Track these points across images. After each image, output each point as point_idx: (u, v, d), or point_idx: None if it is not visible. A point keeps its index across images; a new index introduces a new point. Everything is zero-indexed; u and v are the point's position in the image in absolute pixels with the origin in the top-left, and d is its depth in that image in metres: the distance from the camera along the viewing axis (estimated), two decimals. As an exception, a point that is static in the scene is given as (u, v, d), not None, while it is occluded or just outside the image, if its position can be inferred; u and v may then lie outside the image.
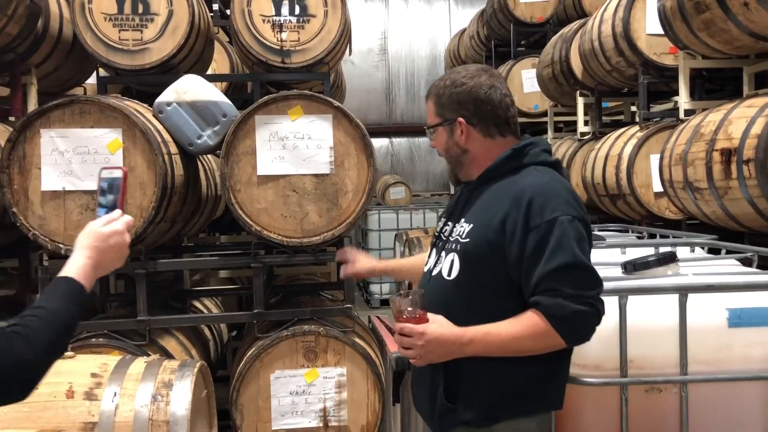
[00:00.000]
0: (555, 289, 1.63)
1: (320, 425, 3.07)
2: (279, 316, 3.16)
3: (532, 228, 1.67)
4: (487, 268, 1.73)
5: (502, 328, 1.68)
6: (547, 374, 1.77)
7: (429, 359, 1.70)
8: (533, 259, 1.66)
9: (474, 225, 1.78)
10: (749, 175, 3.46)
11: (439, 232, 1.97)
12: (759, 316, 2.11)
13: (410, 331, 1.66)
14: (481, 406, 1.75)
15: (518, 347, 1.68)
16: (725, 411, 2.09)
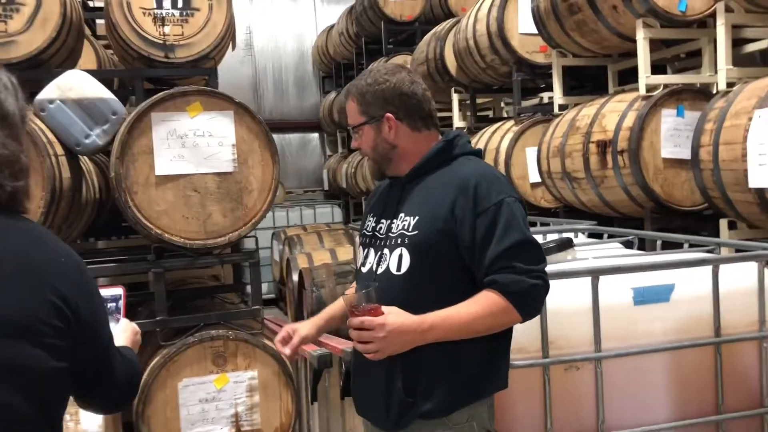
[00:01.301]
0: (509, 266, 1.70)
1: (233, 431, 2.98)
2: (184, 322, 3.02)
3: (481, 211, 1.73)
4: (438, 257, 1.76)
5: (461, 310, 1.72)
6: (497, 357, 1.84)
7: (390, 351, 1.70)
8: (485, 240, 1.72)
9: (420, 217, 1.80)
10: (624, 164, 3.76)
11: (372, 231, 1.96)
12: (658, 293, 2.31)
13: (370, 324, 1.66)
14: (440, 397, 1.77)
15: (478, 327, 1.73)
16: (636, 382, 2.26)
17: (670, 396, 2.29)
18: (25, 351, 1.13)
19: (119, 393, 1.37)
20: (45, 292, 1.16)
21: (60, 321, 1.17)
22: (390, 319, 1.69)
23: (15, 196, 1.20)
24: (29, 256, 1.18)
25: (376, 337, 1.67)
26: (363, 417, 2.06)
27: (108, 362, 1.32)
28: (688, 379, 2.31)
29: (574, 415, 2.23)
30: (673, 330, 2.29)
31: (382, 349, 1.69)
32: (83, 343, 1.23)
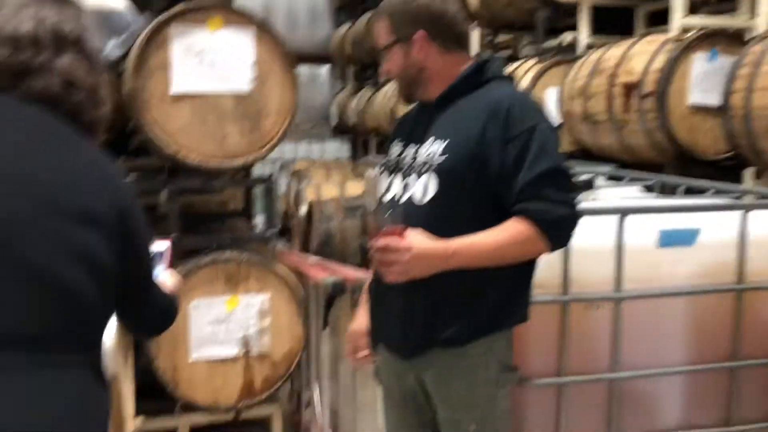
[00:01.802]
0: (540, 194, 1.65)
1: (242, 353, 2.98)
2: (197, 243, 2.99)
3: (513, 137, 1.67)
4: (466, 184, 1.71)
5: (487, 237, 1.67)
6: (520, 288, 1.81)
7: (412, 275, 1.66)
8: (516, 167, 1.66)
9: (448, 142, 1.74)
10: (648, 108, 3.66)
11: (397, 158, 1.90)
12: (684, 236, 2.27)
13: (395, 246, 1.62)
14: (460, 326, 1.75)
15: (504, 255, 1.69)
16: (654, 324, 2.25)
17: (687, 340, 2.27)
18: (98, 243, 1.20)
19: (157, 320, 1.49)
20: (111, 198, 1.24)
21: (117, 231, 1.24)
22: (415, 242, 1.64)
23: (93, 125, 1.30)
24: (100, 164, 1.27)
25: (400, 260, 1.64)
26: (379, 343, 2.05)
27: (149, 288, 1.41)
28: (706, 325, 2.29)
29: (590, 354, 2.22)
30: (695, 274, 2.26)
31: (404, 272, 1.66)
32: (132, 260, 1.30)
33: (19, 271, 1.12)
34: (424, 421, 2.01)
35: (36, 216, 1.15)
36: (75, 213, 1.19)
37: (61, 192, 1.19)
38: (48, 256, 1.14)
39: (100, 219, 1.21)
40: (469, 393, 1.81)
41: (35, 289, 1.13)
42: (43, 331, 1.12)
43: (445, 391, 1.84)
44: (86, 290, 1.18)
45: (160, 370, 2.91)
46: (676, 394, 2.30)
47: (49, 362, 1.12)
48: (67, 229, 1.17)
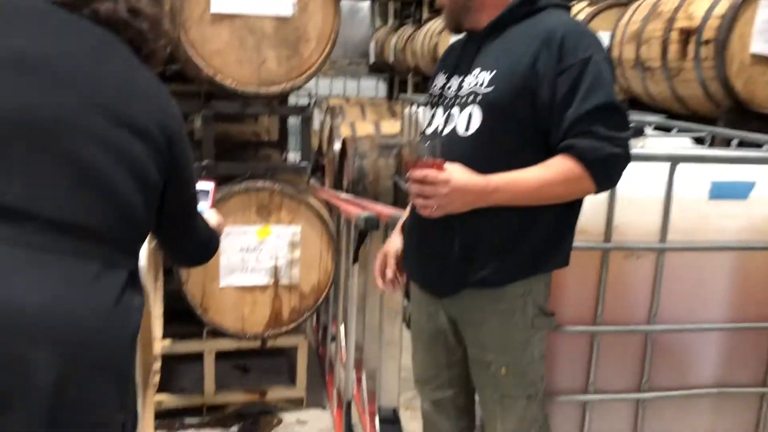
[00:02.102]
0: (589, 131, 1.55)
1: (271, 283, 2.98)
2: (231, 170, 2.96)
3: (566, 67, 1.56)
4: (513, 117, 1.62)
5: (530, 174, 1.60)
6: (562, 231, 1.74)
7: (449, 209, 1.60)
8: (566, 100, 1.56)
9: (496, 72, 1.65)
10: (706, 56, 3.48)
11: (441, 89, 1.82)
12: (737, 189, 2.15)
13: (434, 178, 1.55)
14: (497, 266, 1.69)
15: (547, 194, 1.61)
16: (696, 279, 2.16)
17: (730, 297, 2.19)
18: (145, 156, 1.25)
19: (197, 251, 1.57)
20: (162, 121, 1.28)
21: (164, 150, 1.29)
22: (454, 176, 1.57)
23: (152, 55, 1.35)
24: (156, 89, 1.32)
25: (438, 193, 1.56)
26: (412, 281, 2.00)
27: (192, 217, 1.47)
28: (751, 283, 2.20)
29: (627, 305, 2.15)
30: (745, 230, 2.16)
31: (441, 206, 1.58)
32: (176, 184, 1.35)
33: (68, 163, 1.16)
34: (452, 362, 1.98)
35: (89, 116, 1.19)
36: (127, 124, 1.23)
37: (117, 102, 1.23)
38: (95, 154, 1.18)
39: (150, 136, 1.25)
40: (502, 335, 1.76)
41: (82, 181, 1.17)
42: (89, 222, 1.16)
43: (478, 332, 1.80)
44: (131, 195, 1.22)
45: (190, 294, 2.92)
46: (713, 351, 2.23)
47: (93, 254, 1.16)
48: (118, 135, 1.21)
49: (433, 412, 2.08)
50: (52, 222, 1.13)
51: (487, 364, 1.80)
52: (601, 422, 2.23)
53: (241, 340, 3.06)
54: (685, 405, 2.26)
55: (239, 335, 3.02)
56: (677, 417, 2.27)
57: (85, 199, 1.17)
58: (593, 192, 1.65)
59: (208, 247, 1.58)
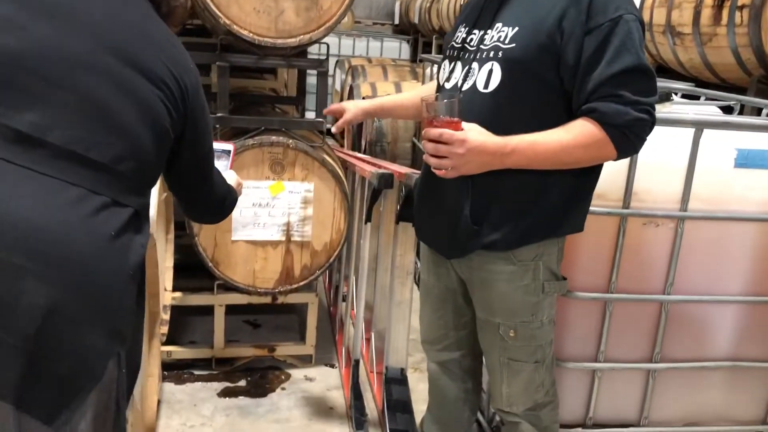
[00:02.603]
0: (615, 94, 1.49)
1: (282, 239, 2.96)
2: (245, 123, 2.91)
3: (594, 27, 1.49)
4: (534, 76, 1.55)
5: (549, 136, 1.54)
6: (578, 195, 1.68)
7: (465, 170, 1.56)
8: (593, 61, 1.49)
9: (519, 27, 1.58)
10: (740, 22, 3.34)
11: (462, 42, 1.75)
12: (764, 157, 2.08)
13: (450, 137, 1.50)
14: (508, 230, 1.65)
15: (566, 158, 1.55)
16: (715, 249, 2.10)
17: (749, 270, 2.13)
18: (159, 102, 1.27)
19: (212, 207, 1.57)
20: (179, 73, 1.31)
21: (180, 101, 1.31)
22: (471, 136, 1.52)
23: (170, 13, 1.40)
24: (174, 43, 1.34)
25: (454, 153, 1.52)
26: (422, 241, 1.97)
27: (208, 172, 1.48)
28: (773, 256, 2.14)
29: (642, 273, 2.10)
30: (770, 201, 2.09)
31: (456, 166, 1.54)
32: (190, 136, 1.37)
33: (82, 99, 1.20)
34: (461, 323, 1.95)
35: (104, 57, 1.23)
36: (140, 68, 1.26)
37: (132, 47, 1.27)
38: (108, 93, 1.22)
39: (163, 82, 1.28)
40: (512, 298, 1.73)
41: (94, 117, 1.20)
42: (98, 156, 1.19)
43: (487, 294, 1.77)
44: (141, 135, 1.25)
45: (201, 247, 2.91)
46: (728, 325, 2.18)
47: (99, 187, 1.19)
48: (131, 77, 1.24)
49: (440, 372, 2.07)
50: (63, 151, 1.16)
51: (496, 327, 1.77)
52: (610, 391, 2.20)
53: (251, 296, 3.05)
54: (697, 378, 2.22)
55: (250, 290, 3.01)
56: (688, 390, 2.24)
57: (96, 134, 1.20)
58: (614, 158, 1.59)
59: (223, 204, 1.59)
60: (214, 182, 1.53)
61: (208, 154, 1.48)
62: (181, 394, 2.91)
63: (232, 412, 2.81)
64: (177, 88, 1.30)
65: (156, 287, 1.95)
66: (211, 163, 1.50)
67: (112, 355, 1.19)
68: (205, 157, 1.47)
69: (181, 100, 1.32)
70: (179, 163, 1.39)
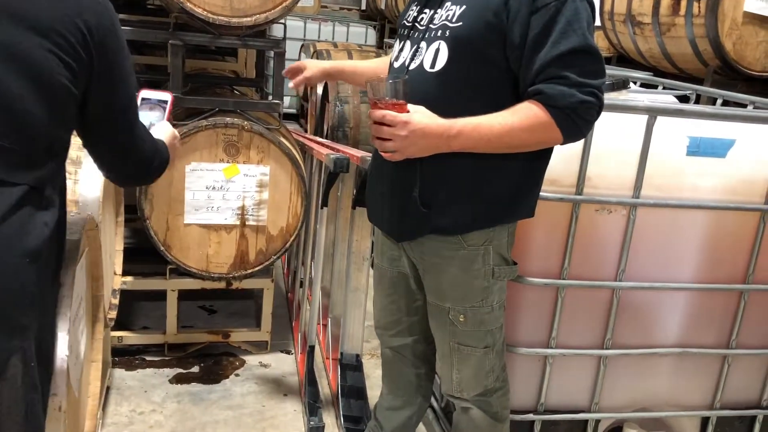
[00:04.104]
0: (560, 75, 1.46)
1: (237, 223, 2.90)
2: (199, 104, 2.83)
3: (541, 6, 1.46)
4: (480, 55, 1.52)
5: (494, 119, 1.51)
6: (528, 181, 1.67)
7: (410, 152, 1.53)
8: (538, 41, 1.46)
9: (467, 6, 1.55)
10: (698, 12, 3.38)
11: (412, 21, 1.72)
12: (716, 146, 2.09)
13: (392, 119, 1.48)
14: (458, 214, 1.63)
15: (512, 141, 1.52)
16: (667, 236, 2.11)
17: (700, 257, 2.15)
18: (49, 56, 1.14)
19: (137, 166, 1.41)
20: (76, 13, 1.17)
21: (80, 47, 1.18)
22: (415, 118, 1.49)
23: None
24: None
25: (397, 135, 1.50)
26: (374, 224, 1.94)
27: (128, 127, 1.33)
28: (722, 245, 2.16)
29: (594, 260, 2.10)
30: (721, 189, 2.10)
31: (401, 149, 1.52)
32: (101, 85, 1.23)
33: None
34: (413, 308, 1.93)
35: None
36: (31, 25, 1.13)
37: (20, 2, 1.13)
38: None
39: (57, 32, 1.14)
40: (462, 283, 1.71)
41: None
42: None
43: (438, 278, 1.75)
44: (27, 101, 1.12)
45: (152, 230, 2.84)
46: (679, 311, 2.20)
47: None
48: (13, 35, 1.11)
49: (393, 358, 2.05)
50: None
51: (446, 311, 1.75)
52: (562, 377, 2.20)
53: (205, 281, 2.99)
54: (647, 364, 2.24)
55: (203, 275, 2.95)
56: (638, 376, 2.25)
57: None
58: (560, 142, 1.56)
59: (150, 166, 1.42)
60: (138, 139, 1.36)
61: (128, 107, 1.32)
62: (132, 380, 2.85)
63: (184, 399, 2.76)
64: (74, 33, 1.16)
65: (98, 270, 1.88)
66: (132, 117, 1.33)
67: (14, 351, 1.10)
68: (123, 109, 1.30)
69: (82, 45, 1.17)
70: (91, 118, 1.24)
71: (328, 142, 3.39)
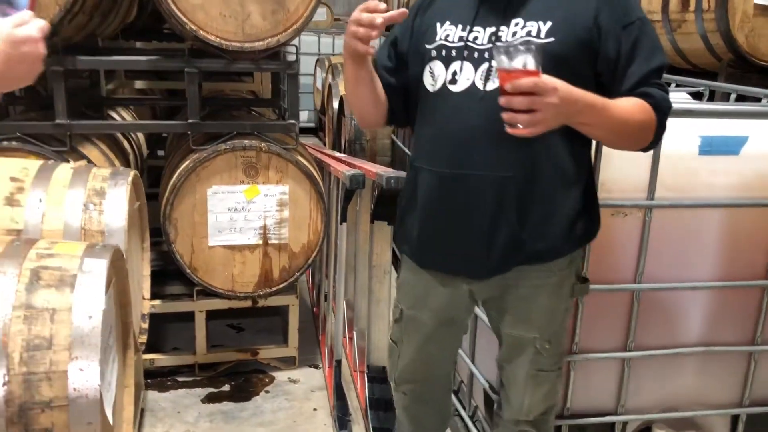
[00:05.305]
0: (659, 83, 1.55)
1: (260, 242, 2.96)
2: (217, 128, 2.90)
3: (628, 23, 1.54)
4: (570, 71, 1.50)
5: (618, 104, 1.51)
6: (594, 200, 1.71)
7: (554, 123, 1.40)
8: (631, 55, 1.54)
9: (553, 22, 1.54)
10: (708, 7, 3.37)
11: (462, 40, 1.61)
12: (728, 144, 2.10)
13: (544, 86, 1.33)
14: (552, 237, 1.62)
15: (625, 129, 1.53)
16: (684, 236, 2.12)
17: (719, 256, 2.15)
18: None
19: None
20: None
21: None
22: (559, 83, 1.37)
23: None
24: None
25: (548, 104, 1.34)
26: (431, 267, 1.76)
27: None
28: (740, 241, 2.16)
29: (613, 263, 2.12)
30: (736, 186, 2.11)
31: (545, 120, 1.37)
32: None
33: None
34: (445, 357, 1.92)
35: None
36: None
37: None
38: None
39: None
40: (551, 309, 1.71)
41: None
42: None
43: (526, 310, 1.70)
44: None
45: (178, 254, 2.91)
46: (700, 310, 2.20)
47: None
48: None
49: (418, 405, 1.98)
50: None
51: (531, 341, 1.72)
52: (586, 380, 2.21)
53: (231, 300, 3.05)
54: (672, 364, 2.24)
55: (229, 295, 3.01)
56: (663, 377, 2.26)
57: None
58: (643, 146, 1.60)
59: None
60: None
61: None
62: (165, 401, 2.92)
63: (216, 418, 2.81)
64: None
65: (126, 297, 1.94)
66: None
67: None
68: None
69: None
70: None
71: (344, 157, 3.44)
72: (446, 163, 1.61)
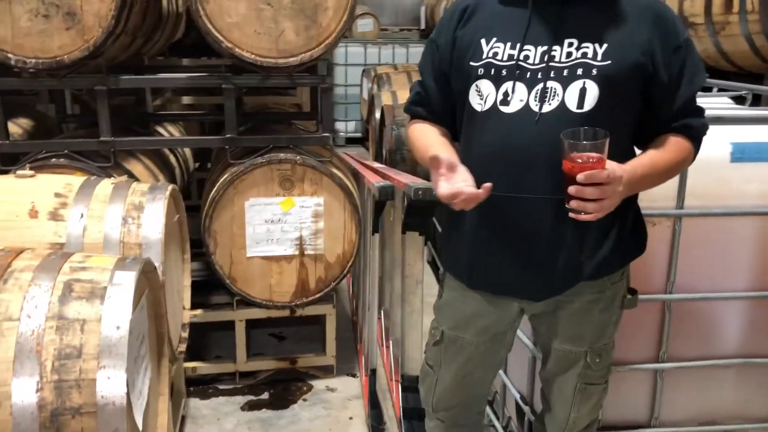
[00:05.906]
0: (697, 109, 1.59)
1: (296, 253, 3.02)
2: (253, 143, 2.99)
3: (677, 46, 1.55)
4: (625, 94, 1.53)
5: (662, 157, 1.57)
6: (641, 216, 1.73)
7: (614, 207, 1.46)
8: (678, 79, 1.56)
9: (609, 45, 1.52)
10: (752, 8, 3.28)
11: (513, 59, 1.55)
12: (761, 151, 2.04)
13: (614, 178, 1.40)
14: (607, 254, 1.62)
15: (671, 174, 1.65)
16: (716, 245, 2.07)
17: (752, 264, 2.09)
18: None
19: None
20: None
21: None
22: (625, 171, 1.45)
23: None
24: None
25: (615, 192, 1.42)
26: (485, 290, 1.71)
27: None
28: (778, 249, 2.09)
29: (643, 273, 2.08)
30: (770, 194, 2.05)
31: (609, 207, 1.44)
32: None
33: None
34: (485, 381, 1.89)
35: None
36: None
37: None
38: None
39: None
40: (603, 323, 1.71)
41: None
42: None
43: (579, 325, 1.69)
44: None
45: (218, 265, 2.99)
46: (736, 321, 2.14)
47: None
48: None
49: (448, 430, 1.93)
50: None
51: (582, 355, 1.71)
52: (619, 392, 2.17)
53: (269, 310, 3.12)
54: (709, 376, 2.19)
55: (267, 305, 3.08)
56: (699, 389, 2.20)
57: None
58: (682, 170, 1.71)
59: None
60: None
61: None
62: (206, 408, 3.00)
63: (254, 425, 2.88)
64: None
65: (161, 308, 2.02)
66: None
67: None
68: None
69: None
70: None
71: (381, 168, 3.47)
72: (499, 185, 1.51)
